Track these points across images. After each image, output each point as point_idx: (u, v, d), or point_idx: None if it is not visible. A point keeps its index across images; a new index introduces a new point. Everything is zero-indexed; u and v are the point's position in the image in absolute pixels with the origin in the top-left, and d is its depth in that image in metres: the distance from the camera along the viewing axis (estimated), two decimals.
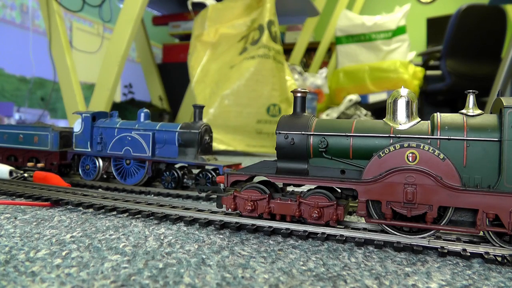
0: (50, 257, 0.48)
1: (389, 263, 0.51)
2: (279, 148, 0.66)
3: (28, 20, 3.18)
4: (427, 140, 0.59)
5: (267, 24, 2.46)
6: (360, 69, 4.09)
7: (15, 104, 2.91)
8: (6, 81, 2.99)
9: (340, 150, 0.64)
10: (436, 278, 0.47)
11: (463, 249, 0.55)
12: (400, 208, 0.58)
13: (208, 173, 0.97)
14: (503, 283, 0.46)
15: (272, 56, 2.43)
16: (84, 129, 1.03)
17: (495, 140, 0.56)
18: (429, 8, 5.70)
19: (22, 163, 1.13)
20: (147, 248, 0.53)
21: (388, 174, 0.58)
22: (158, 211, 0.71)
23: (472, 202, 0.55)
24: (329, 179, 0.62)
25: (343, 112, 3.53)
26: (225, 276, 0.44)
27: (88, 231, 0.60)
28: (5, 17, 3.04)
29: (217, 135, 2.23)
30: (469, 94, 0.60)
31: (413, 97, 0.61)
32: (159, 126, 1.00)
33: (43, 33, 3.11)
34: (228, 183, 0.68)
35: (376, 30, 4.19)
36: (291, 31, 5.29)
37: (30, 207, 0.75)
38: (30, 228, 0.60)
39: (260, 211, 0.65)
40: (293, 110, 0.69)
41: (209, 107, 2.34)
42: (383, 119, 0.63)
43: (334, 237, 0.60)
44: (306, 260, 0.51)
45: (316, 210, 0.62)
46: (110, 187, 0.99)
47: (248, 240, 0.59)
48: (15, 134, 1.13)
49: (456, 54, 3.76)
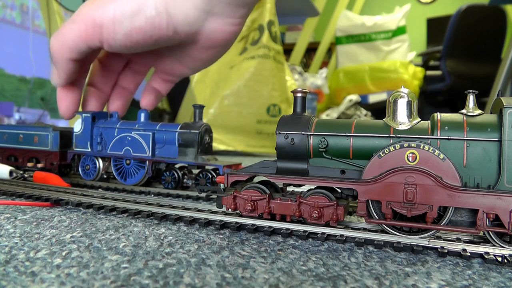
0: (50, 257, 0.48)
1: (389, 263, 0.51)
2: (279, 148, 0.66)
3: (28, 20, 3.18)
4: (427, 140, 0.59)
5: (267, 24, 2.46)
6: (360, 69, 4.09)
7: (15, 104, 2.91)
8: (6, 81, 2.99)
9: (340, 150, 0.64)
10: (436, 278, 0.47)
11: (463, 249, 0.55)
12: (400, 208, 0.58)
13: (208, 173, 0.97)
14: (503, 283, 0.46)
15: (272, 56, 2.43)
16: (84, 129, 1.02)
17: (495, 140, 0.56)
18: (429, 8, 5.70)
19: (22, 163, 1.13)
20: (147, 248, 0.53)
21: (388, 174, 0.58)
22: (158, 211, 0.71)
23: (472, 202, 0.55)
24: (329, 179, 0.62)
25: (343, 112, 3.53)
26: (225, 276, 0.44)
27: (88, 231, 0.60)
28: (5, 17, 3.04)
29: (217, 135, 2.23)
30: (469, 94, 0.60)
31: (413, 97, 0.61)
32: (159, 126, 1.00)
33: (43, 33, 3.11)
34: (228, 183, 0.68)
35: (376, 30, 4.19)
36: (291, 31, 5.29)
37: (30, 207, 0.75)
38: (30, 228, 0.60)
39: (260, 211, 0.65)
40: (293, 110, 0.69)
41: (209, 107, 2.34)
42: (383, 119, 0.63)
43: (334, 237, 0.60)
44: (306, 260, 0.51)
45: (316, 210, 0.62)
46: (110, 187, 0.99)
47: (248, 240, 0.59)
48: (15, 134, 1.13)
49: (456, 54, 3.76)
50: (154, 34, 0.68)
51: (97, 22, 0.68)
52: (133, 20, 0.67)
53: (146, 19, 0.66)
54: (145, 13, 0.66)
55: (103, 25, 0.68)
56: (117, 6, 0.67)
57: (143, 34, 0.68)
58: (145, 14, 0.66)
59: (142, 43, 0.70)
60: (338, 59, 4.46)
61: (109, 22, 0.67)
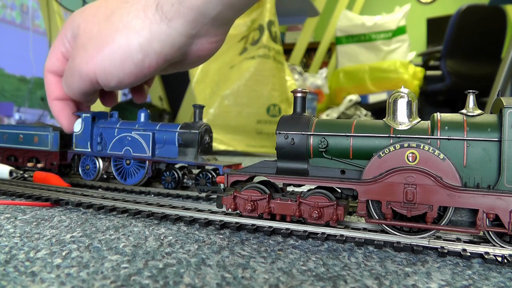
0: (50, 257, 0.48)
1: (389, 263, 0.51)
2: (279, 148, 0.66)
3: (28, 20, 3.18)
4: (427, 140, 0.59)
5: (267, 24, 2.46)
6: (360, 69, 4.09)
7: (15, 104, 2.91)
8: (6, 81, 2.99)
9: (340, 150, 0.64)
10: (436, 278, 0.47)
11: (463, 249, 0.55)
12: (400, 208, 0.58)
13: (208, 173, 0.97)
14: (503, 283, 0.46)
15: (272, 56, 2.43)
16: (84, 129, 1.02)
17: (495, 140, 0.56)
18: (429, 8, 5.70)
19: (22, 163, 1.13)
20: (147, 248, 0.53)
21: (388, 174, 0.58)
22: (158, 211, 0.71)
23: (472, 202, 0.55)
24: (329, 179, 0.62)
25: (343, 112, 3.53)
26: (225, 276, 0.44)
27: (88, 231, 0.60)
28: (5, 17, 3.04)
29: (217, 135, 2.23)
30: (469, 94, 0.60)
31: (413, 97, 0.61)
32: (159, 126, 1.00)
33: (43, 33, 3.11)
34: (228, 183, 0.68)
35: (376, 30, 4.20)
36: (291, 31, 5.29)
37: (30, 207, 0.75)
38: (30, 228, 0.60)
39: (260, 211, 0.65)
40: (293, 110, 0.69)
41: (209, 107, 2.34)
42: (383, 119, 0.63)
43: (334, 237, 0.60)
44: (306, 260, 0.51)
45: (316, 210, 0.62)
46: (110, 187, 0.99)
47: (248, 240, 0.59)
48: (15, 134, 1.13)
49: (456, 54, 3.76)
50: (146, 73, 0.69)
51: (92, 78, 0.70)
52: (123, 67, 0.68)
53: (135, 64, 0.67)
54: (132, 59, 0.66)
55: (97, 78, 0.70)
56: (104, 57, 0.68)
57: (135, 77, 0.69)
58: (132, 60, 0.67)
59: (137, 82, 0.72)
60: (338, 59, 4.46)
61: (101, 74, 0.69)
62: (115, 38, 0.66)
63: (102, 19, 0.69)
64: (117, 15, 0.67)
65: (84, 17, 0.72)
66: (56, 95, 0.84)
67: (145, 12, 0.64)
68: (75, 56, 0.72)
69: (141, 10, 0.65)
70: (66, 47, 0.77)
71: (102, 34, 0.67)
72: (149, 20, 0.64)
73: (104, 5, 0.70)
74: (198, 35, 0.66)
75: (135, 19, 0.65)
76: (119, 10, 0.67)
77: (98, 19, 0.69)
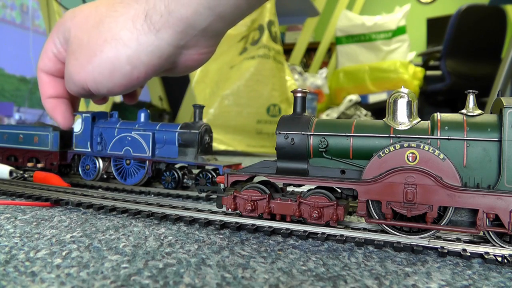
0: (50, 257, 0.48)
1: (389, 263, 0.51)
2: (279, 148, 0.66)
3: (28, 20, 3.18)
4: (427, 140, 0.59)
5: (267, 24, 2.46)
6: (360, 69, 4.09)
7: (15, 104, 2.91)
8: (6, 81, 2.99)
9: (340, 150, 0.64)
10: (436, 278, 0.47)
11: (463, 249, 0.55)
12: (400, 208, 0.58)
13: (208, 173, 0.98)
14: (503, 283, 0.46)
15: (272, 56, 2.43)
16: (84, 129, 1.02)
17: (495, 140, 0.56)
18: (429, 8, 5.70)
19: (22, 163, 1.13)
20: (147, 248, 0.53)
21: (388, 174, 0.58)
22: (158, 211, 0.71)
23: (472, 202, 0.55)
24: (329, 179, 0.62)
25: (343, 112, 3.53)
26: (225, 276, 0.44)
27: (88, 231, 0.60)
28: (5, 17, 3.04)
29: (217, 135, 2.23)
30: (469, 94, 0.60)
31: (413, 97, 0.61)
32: (159, 126, 1.00)
33: (43, 33, 3.11)
34: (228, 183, 0.68)
35: (376, 30, 4.19)
36: (291, 31, 5.29)
37: (30, 207, 0.75)
38: (30, 228, 0.60)
39: (260, 211, 0.65)
40: (293, 110, 0.69)
41: (209, 107, 2.34)
42: (383, 119, 0.63)
43: (334, 237, 0.60)
44: (306, 260, 0.51)
45: (316, 210, 0.62)
46: (110, 187, 0.99)
47: (248, 240, 0.59)
48: (15, 134, 1.13)
49: (456, 54, 3.76)
50: (135, 84, 0.70)
51: (84, 86, 0.71)
52: (112, 78, 0.68)
53: (123, 75, 0.67)
54: (120, 70, 0.66)
55: (88, 87, 0.71)
56: (94, 67, 0.68)
57: (124, 87, 0.70)
58: (120, 71, 0.67)
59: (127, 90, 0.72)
60: (338, 59, 4.46)
61: (92, 84, 0.69)
62: (104, 49, 0.66)
63: (92, 25, 0.68)
64: (106, 24, 0.66)
65: (74, 22, 0.72)
66: (49, 94, 0.84)
67: (133, 22, 0.64)
68: (68, 63, 0.72)
69: (130, 20, 0.64)
70: (58, 48, 0.77)
71: (91, 44, 0.67)
72: (137, 31, 0.64)
73: (94, 11, 0.70)
74: (186, 46, 0.66)
75: (123, 30, 0.64)
76: (108, 19, 0.66)
77: (88, 26, 0.69)
